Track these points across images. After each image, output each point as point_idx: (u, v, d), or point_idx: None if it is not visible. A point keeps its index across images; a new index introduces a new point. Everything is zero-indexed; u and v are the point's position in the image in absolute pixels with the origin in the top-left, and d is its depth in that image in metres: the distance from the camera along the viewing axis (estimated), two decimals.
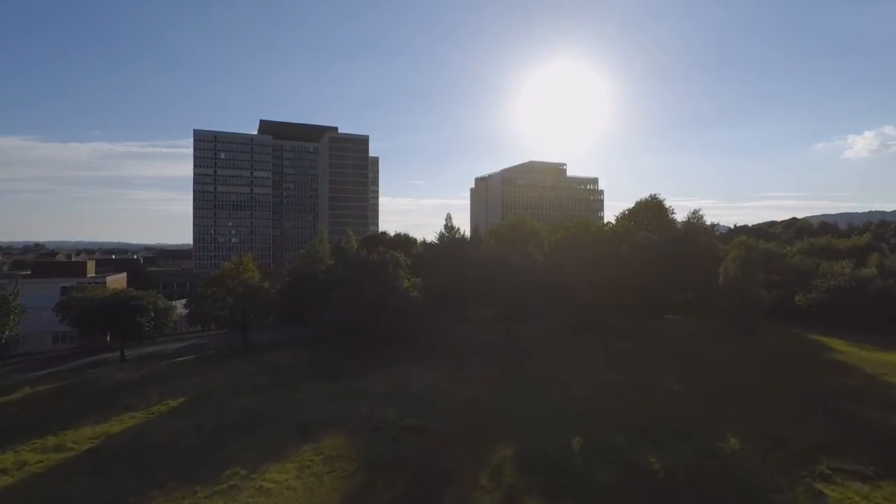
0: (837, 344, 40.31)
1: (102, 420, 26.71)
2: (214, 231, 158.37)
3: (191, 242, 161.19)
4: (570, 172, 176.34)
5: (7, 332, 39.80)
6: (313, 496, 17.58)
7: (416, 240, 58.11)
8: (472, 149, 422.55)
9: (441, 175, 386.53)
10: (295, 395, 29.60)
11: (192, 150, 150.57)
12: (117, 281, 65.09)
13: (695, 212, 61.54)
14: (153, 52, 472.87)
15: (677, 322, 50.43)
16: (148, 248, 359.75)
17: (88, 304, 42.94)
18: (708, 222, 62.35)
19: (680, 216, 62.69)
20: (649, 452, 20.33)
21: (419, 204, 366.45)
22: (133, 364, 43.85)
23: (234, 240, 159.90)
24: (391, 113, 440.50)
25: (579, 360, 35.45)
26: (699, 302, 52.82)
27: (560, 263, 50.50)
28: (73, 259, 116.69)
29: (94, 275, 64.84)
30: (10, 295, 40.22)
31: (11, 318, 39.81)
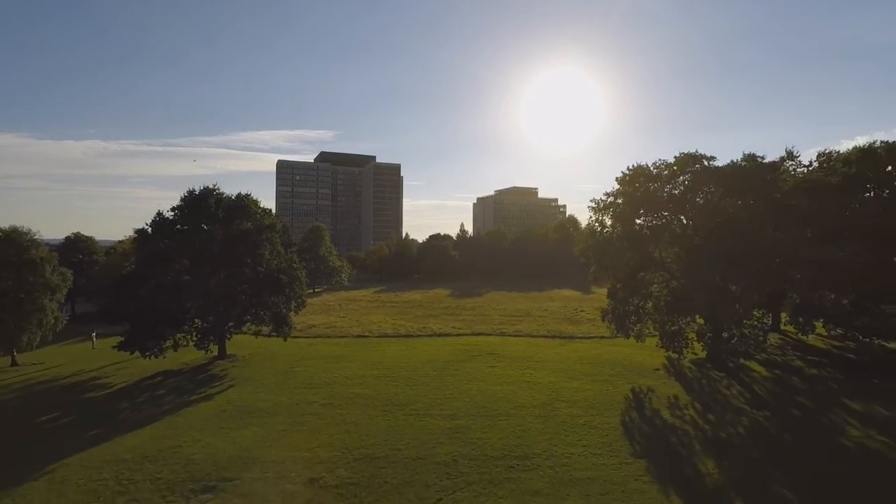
0: None
1: (352, 290, 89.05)
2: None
3: None
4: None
5: None
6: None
7: (451, 236, 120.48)
8: (470, 151, 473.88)
9: (439, 176, 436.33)
10: (419, 285, 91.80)
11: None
12: None
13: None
14: (148, 51, 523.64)
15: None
16: None
17: None
18: None
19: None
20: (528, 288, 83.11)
21: (415, 204, 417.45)
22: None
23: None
24: (390, 113, 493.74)
25: (524, 285, 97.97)
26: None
27: (518, 250, 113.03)
28: None
29: None
30: None
31: None
